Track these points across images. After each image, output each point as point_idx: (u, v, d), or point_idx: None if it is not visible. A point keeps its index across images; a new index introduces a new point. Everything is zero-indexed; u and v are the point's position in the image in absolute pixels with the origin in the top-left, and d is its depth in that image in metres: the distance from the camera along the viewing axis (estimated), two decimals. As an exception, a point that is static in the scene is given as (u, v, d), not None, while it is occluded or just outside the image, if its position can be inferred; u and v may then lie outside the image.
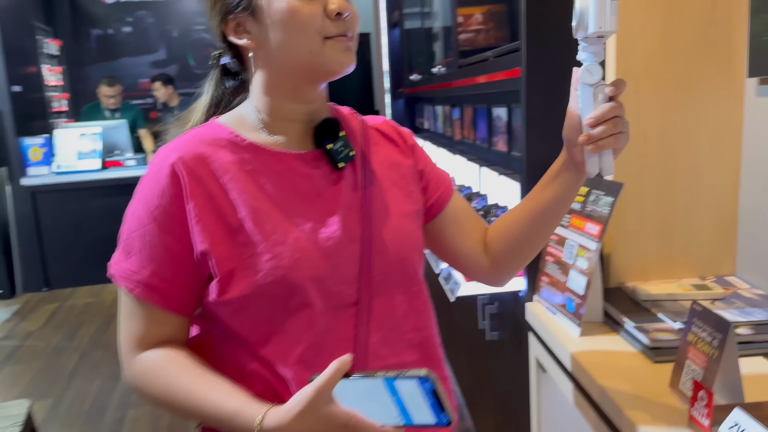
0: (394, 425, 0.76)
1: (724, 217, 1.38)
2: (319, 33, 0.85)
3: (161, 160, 0.88)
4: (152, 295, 0.86)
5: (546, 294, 1.38)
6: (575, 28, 0.86)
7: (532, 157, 1.43)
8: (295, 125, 0.93)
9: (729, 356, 0.87)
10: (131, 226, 0.88)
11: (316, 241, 0.87)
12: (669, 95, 1.33)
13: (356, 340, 0.88)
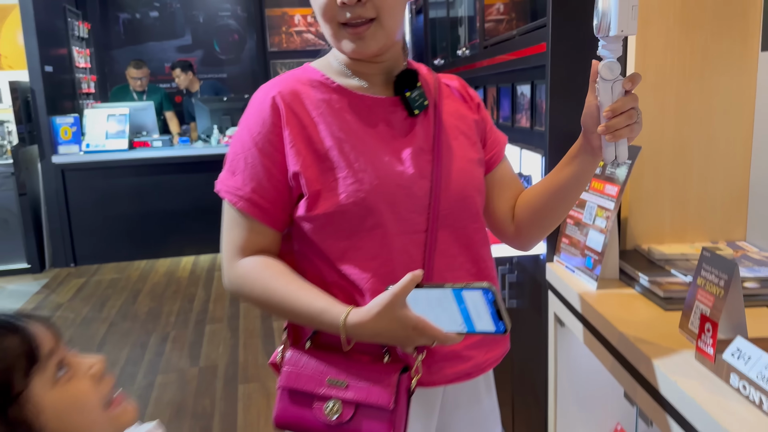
0: (457, 332, 0.88)
1: (736, 185, 1.45)
2: (332, 20, 0.95)
3: (264, 94, 1.00)
4: (252, 208, 0.97)
5: (566, 254, 1.47)
6: (597, 28, 0.93)
7: (555, 126, 1.51)
8: (376, 75, 1.03)
9: (734, 295, 0.96)
10: (236, 150, 1.00)
11: (393, 173, 0.97)
12: (686, 67, 1.41)
13: (424, 263, 0.98)
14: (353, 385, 0.92)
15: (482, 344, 1.03)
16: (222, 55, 7.06)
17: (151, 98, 5.79)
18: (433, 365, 0.99)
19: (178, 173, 5.30)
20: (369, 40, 0.96)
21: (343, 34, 0.96)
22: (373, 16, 0.95)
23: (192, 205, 5.24)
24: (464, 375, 1.03)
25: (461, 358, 1.01)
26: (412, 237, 0.98)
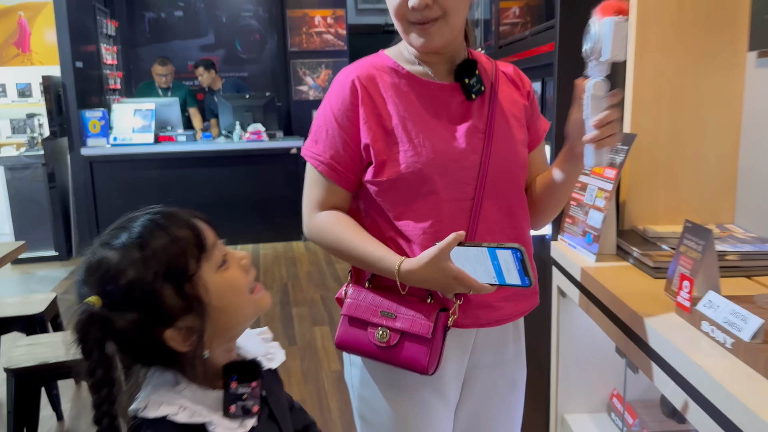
0: (490, 283, 1.05)
1: (726, 172, 1.60)
2: (403, 19, 1.12)
3: (345, 76, 1.16)
4: (330, 172, 1.16)
5: (569, 233, 1.63)
6: (588, 53, 1.04)
7: (562, 118, 1.67)
8: (440, 64, 1.19)
9: (709, 257, 1.11)
10: (319, 122, 1.18)
11: (447, 148, 1.13)
12: (681, 64, 1.56)
13: (469, 227, 1.14)
14: (401, 317, 1.10)
15: (511, 298, 1.19)
16: (243, 54, 7.26)
17: (175, 95, 6.00)
18: (468, 311, 1.15)
19: (201, 167, 5.50)
20: (435, 36, 1.11)
21: (412, 30, 1.12)
22: (440, 15, 1.09)
23: (213, 198, 5.45)
24: (494, 321, 1.19)
25: (492, 307, 1.18)
26: (461, 204, 1.14)
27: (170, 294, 0.80)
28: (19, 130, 6.44)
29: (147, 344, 0.82)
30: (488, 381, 1.25)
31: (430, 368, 1.09)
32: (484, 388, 1.25)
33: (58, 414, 2.73)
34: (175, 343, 0.82)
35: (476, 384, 1.24)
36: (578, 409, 1.72)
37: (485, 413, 1.26)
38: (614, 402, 1.68)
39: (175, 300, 0.80)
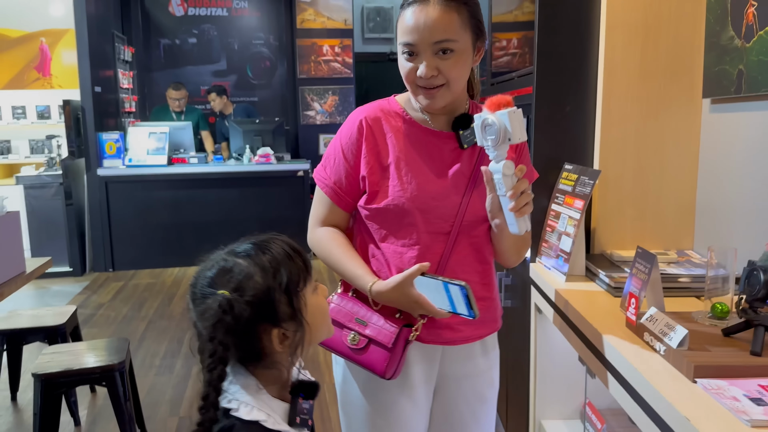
0: (445, 310, 1.24)
1: (685, 204, 1.79)
2: (412, 83, 1.27)
3: (356, 116, 1.35)
4: (332, 194, 1.36)
5: (545, 256, 1.82)
6: (495, 141, 1.14)
7: (539, 152, 1.87)
8: (440, 115, 1.33)
9: (654, 278, 1.30)
10: (330, 151, 1.38)
11: (430, 188, 1.31)
12: (644, 109, 1.76)
13: (442, 257, 1.32)
14: (371, 325, 1.30)
15: (471, 323, 1.34)
16: (254, 80, 7.53)
17: (188, 118, 6.25)
18: (432, 329, 1.33)
19: (212, 188, 5.73)
20: (438, 99, 1.27)
21: (418, 92, 1.27)
22: (443, 83, 1.24)
23: (224, 218, 5.67)
24: (452, 341, 1.36)
25: (453, 329, 1.35)
26: (437, 236, 1.32)
27: (283, 302, 0.98)
28: (38, 151, 6.69)
29: (254, 339, 0.98)
30: (457, 392, 1.40)
31: (387, 373, 1.27)
32: (453, 397, 1.40)
33: (76, 420, 2.91)
34: (275, 341, 0.98)
35: (446, 393, 1.40)
36: (554, 416, 1.90)
37: (455, 422, 1.41)
38: (586, 410, 1.85)
39: (286, 308, 0.99)
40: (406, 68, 1.26)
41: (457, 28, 1.22)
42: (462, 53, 1.24)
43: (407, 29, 1.23)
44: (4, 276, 2.32)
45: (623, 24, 1.73)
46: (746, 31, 1.51)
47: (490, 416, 1.46)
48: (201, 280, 0.99)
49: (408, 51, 1.25)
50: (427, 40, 1.22)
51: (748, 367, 1.06)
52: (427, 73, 1.23)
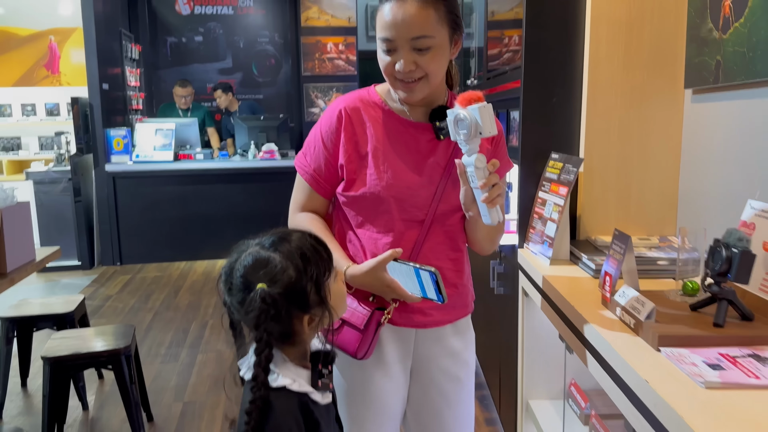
0: (416, 295, 1.30)
1: (668, 192, 1.86)
2: (390, 76, 1.30)
3: (336, 105, 1.39)
4: (312, 181, 1.41)
5: (531, 242, 1.89)
6: (467, 135, 1.19)
7: (526, 143, 1.94)
8: (418, 107, 1.36)
9: (629, 259, 1.37)
10: (310, 140, 1.42)
11: (406, 178, 1.36)
12: (628, 100, 1.83)
13: (415, 244, 1.38)
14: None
15: (442, 308, 1.40)
16: (259, 77, 7.62)
17: (194, 115, 6.34)
18: (404, 313, 1.38)
19: (218, 183, 5.82)
20: (416, 92, 1.30)
21: (397, 84, 1.30)
22: (422, 76, 1.28)
23: (229, 213, 5.76)
24: (423, 325, 1.42)
25: (424, 314, 1.40)
26: (411, 224, 1.38)
27: (313, 292, 1.08)
28: (47, 147, 6.81)
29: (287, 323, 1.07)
30: (431, 372, 1.44)
31: (358, 353, 1.32)
32: (429, 379, 1.45)
33: (84, 404, 3.00)
34: (305, 325, 1.09)
35: (422, 374, 1.45)
36: (541, 396, 1.97)
37: (432, 404, 1.46)
38: (572, 390, 1.92)
39: (315, 297, 1.09)
40: (385, 62, 1.29)
41: (433, 24, 1.25)
42: (439, 48, 1.27)
43: (385, 24, 1.26)
44: (15, 263, 2.41)
45: (608, 18, 1.79)
46: (723, 23, 1.57)
47: (467, 397, 1.50)
48: (237, 270, 1.08)
49: (386, 47, 1.28)
50: (404, 35, 1.24)
51: (710, 337, 1.12)
52: (405, 68, 1.26)
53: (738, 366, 1.03)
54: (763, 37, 1.40)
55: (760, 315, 1.20)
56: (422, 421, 1.47)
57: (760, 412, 0.89)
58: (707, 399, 0.93)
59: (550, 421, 1.88)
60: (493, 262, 2.47)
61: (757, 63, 1.42)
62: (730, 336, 1.12)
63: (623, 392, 1.11)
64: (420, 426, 1.47)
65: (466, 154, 1.22)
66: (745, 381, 0.98)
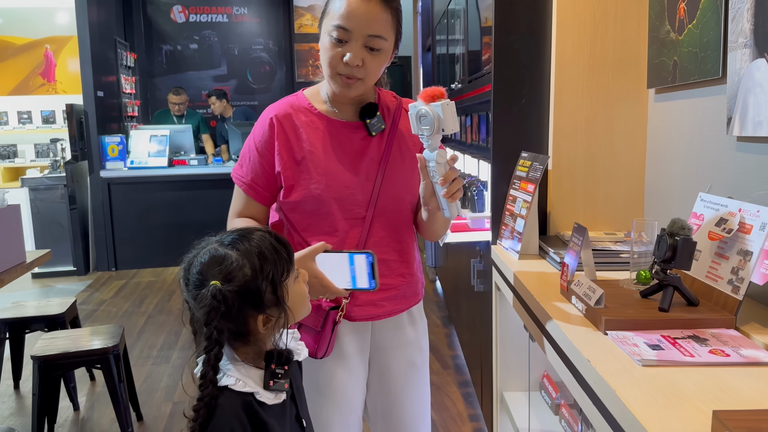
0: (345, 288, 1.32)
1: (634, 188, 1.92)
2: (333, 68, 1.31)
3: (267, 114, 1.43)
4: (249, 190, 1.43)
5: (503, 238, 1.95)
6: (429, 131, 1.22)
7: (496, 143, 2.00)
8: (348, 105, 1.45)
9: (586, 250, 1.43)
10: (245, 150, 1.45)
11: (343, 178, 1.41)
12: (594, 100, 1.89)
13: (359, 240, 1.43)
14: None
15: (392, 298, 1.46)
16: (254, 84, 7.71)
17: (189, 122, 6.42)
18: (356, 307, 1.43)
19: (212, 189, 5.88)
20: (353, 90, 1.35)
21: (337, 79, 1.33)
22: (362, 77, 1.32)
23: (223, 218, 5.73)
24: (376, 317, 1.47)
25: (376, 305, 1.45)
26: (354, 222, 1.40)
27: (268, 292, 1.07)
28: (43, 154, 6.89)
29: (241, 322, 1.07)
30: (389, 361, 1.50)
31: (318, 353, 1.36)
32: (386, 367, 1.50)
33: (75, 404, 3.05)
34: (260, 325, 1.08)
35: (379, 363, 1.50)
36: (515, 388, 2.02)
37: (390, 390, 1.51)
38: (544, 381, 1.98)
39: (270, 296, 1.07)
40: (333, 53, 1.30)
41: (389, 28, 1.31)
42: (386, 52, 1.33)
43: (345, 14, 1.27)
44: (4, 265, 2.47)
45: (573, 20, 1.86)
46: (679, 25, 1.64)
47: (422, 382, 1.56)
48: (194, 267, 1.07)
49: (338, 36, 1.28)
50: (363, 30, 1.28)
51: (654, 320, 1.18)
52: (353, 61, 1.28)
53: (676, 346, 1.09)
54: (712, 37, 1.46)
55: (705, 301, 1.26)
56: (381, 408, 1.52)
57: (690, 386, 0.95)
58: (642, 375, 0.99)
59: (521, 411, 1.93)
60: (473, 260, 2.53)
61: (708, 62, 1.48)
62: (673, 319, 1.18)
63: (572, 373, 1.16)
64: (379, 413, 1.53)
65: (427, 149, 1.26)
66: (680, 359, 1.03)
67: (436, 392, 3.12)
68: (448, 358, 3.57)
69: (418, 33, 5.69)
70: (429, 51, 5.06)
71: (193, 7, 7.55)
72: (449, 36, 3.86)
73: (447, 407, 2.97)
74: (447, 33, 3.91)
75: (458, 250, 3.28)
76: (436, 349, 3.70)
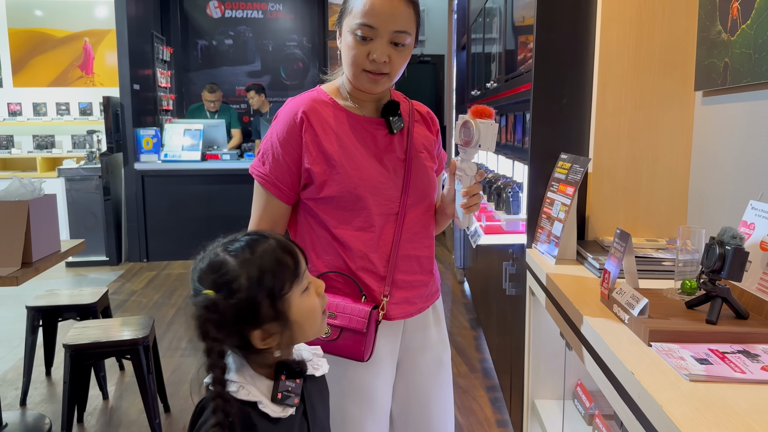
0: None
1: (678, 194, 1.86)
2: (358, 67, 1.32)
3: (291, 107, 1.38)
4: (274, 189, 1.38)
5: (539, 242, 1.90)
6: (471, 144, 1.33)
7: (535, 144, 1.95)
8: (369, 102, 1.45)
9: (628, 257, 1.38)
10: (266, 146, 1.39)
11: (375, 172, 1.39)
12: (637, 101, 1.83)
13: (394, 235, 1.41)
14: (340, 316, 1.32)
15: (423, 295, 1.46)
16: (287, 80, 7.73)
17: (222, 117, 6.47)
18: (394, 305, 1.40)
19: (243, 183, 5.91)
20: (380, 85, 1.35)
21: (363, 76, 1.33)
22: (388, 72, 1.33)
23: (252, 212, 5.85)
24: (410, 314, 1.44)
25: (410, 303, 1.43)
26: (388, 218, 1.40)
27: (266, 305, 0.99)
28: (80, 145, 7.01)
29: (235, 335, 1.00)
30: (419, 361, 1.48)
31: (365, 356, 1.33)
32: (416, 367, 1.49)
33: (104, 394, 3.08)
34: (256, 340, 1.00)
35: (408, 364, 1.48)
36: (547, 396, 1.97)
37: (418, 389, 1.49)
38: (578, 390, 1.92)
39: (268, 310, 0.99)
40: (358, 51, 1.30)
41: (411, 23, 1.32)
42: (409, 48, 1.34)
43: (370, 12, 1.28)
44: (40, 253, 2.49)
45: (618, 18, 1.80)
46: (731, 25, 1.57)
47: (448, 379, 1.55)
48: (194, 272, 1.02)
49: (363, 34, 1.29)
50: (389, 27, 1.28)
51: (701, 333, 1.13)
52: (380, 57, 1.29)
53: (726, 361, 1.03)
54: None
55: (755, 314, 1.20)
56: (407, 409, 1.51)
57: (742, 404, 0.90)
58: (689, 391, 0.94)
59: (553, 420, 1.88)
60: (505, 263, 2.48)
61: (762, 64, 1.41)
62: (721, 332, 1.13)
63: (613, 385, 1.12)
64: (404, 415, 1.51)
65: (460, 158, 1.32)
66: (730, 375, 0.98)
67: (463, 395, 3.08)
68: (475, 361, 3.52)
69: (453, 31, 5.63)
70: (464, 49, 5.01)
71: (229, 3, 7.59)
72: (485, 35, 3.80)
73: (474, 411, 2.92)
74: (483, 32, 3.85)
75: (489, 252, 3.23)
76: (464, 352, 3.66)
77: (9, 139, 7.05)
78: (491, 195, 2.70)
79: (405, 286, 1.41)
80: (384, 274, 1.38)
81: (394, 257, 1.39)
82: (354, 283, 1.37)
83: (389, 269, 1.38)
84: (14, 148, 7.06)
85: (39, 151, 7.01)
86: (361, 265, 1.37)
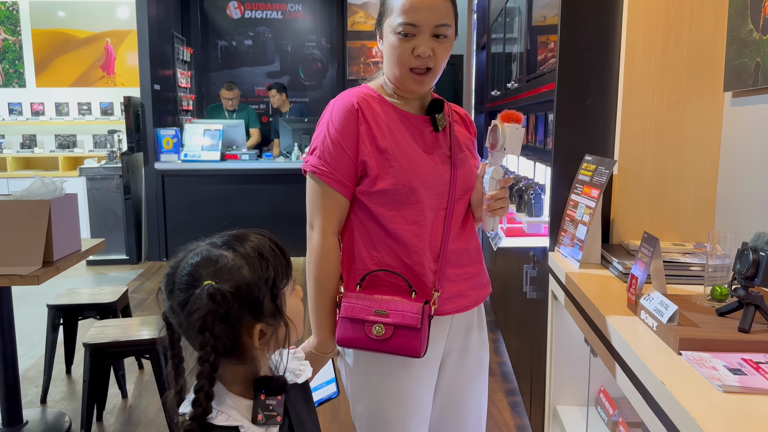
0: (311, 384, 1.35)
1: (705, 197, 1.81)
2: (404, 66, 1.34)
3: (345, 99, 1.37)
4: (338, 186, 1.36)
5: (562, 245, 1.86)
6: (497, 147, 1.37)
7: (559, 145, 1.92)
8: (413, 100, 1.44)
9: (656, 262, 1.34)
10: (323, 142, 1.36)
11: (427, 166, 1.38)
12: (665, 102, 1.79)
13: (444, 229, 1.40)
14: (392, 313, 1.32)
15: (475, 287, 1.47)
16: (306, 81, 7.73)
17: (240, 116, 6.48)
18: (446, 299, 1.40)
19: (262, 183, 5.93)
20: (425, 85, 1.37)
21: (409, 76, 1.35)
22: (432, 66, 1.34)
23: (272, 212, 5.87)
24: (464, 307, 1.44)
25: (463, 296, 1.44)
26: (438, 211, 1.40)
27: (267, 298, 0.97)
28: (101, 145, 7.08)
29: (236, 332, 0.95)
30: (461, 363, 1.48)
31: (421, 351, 1.32)
32: (457, 368, 1.48)
33: (123, 392, 3.10)
34: (255, 337, 0.96)
35: (450, 365, 1.47)
36: (569, 401, 1.94)
37: (458, 390, 1.49)
38: (601, 396, 1.89)
39: (269, 303, 0.97)
40: (402, 49, 1.32)
41: (451, 14, 1.34)
42: (451, 39, 1.37)
43: (410, 9, 1.30)
44: (62, 252, 2.51)
45: (645, 18, 1.76)
46: (763, 24, 1.53)
47: (485, 379, 1.55)
48: (181, 269, 0.95)
49: (406, 32, 1.31)
50: (430, 21, 1.30)
51: (733, 341, 1.09)
52: (425, 51, 1.31)
53: (760, 371, 1.00)
54: (803, 37, 1.35)
55: (790, 322, 1.16)
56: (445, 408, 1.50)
57: (779, 418, 0.87)
58: (723, 402, 0.91)
59: (576, 427, 1.85)
60: (526, 266, 2.44)
61: (797, 64, 1.37)
62: (755, 341, 1.09)
63: (641, 394, 1.08)
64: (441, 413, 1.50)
65: (489, 162, 1.37)
66: (765, 386, 0.95)
67: (482, 399, 3.05)
68: (494, 364, 3.49)
69: (473, 31, 5.59)
70: (484, 49, 4.97)
71: (249, 4, 7.62)
72: (506, 34, 3.76)
73: (493, 415, 2.89)
74: (504, 31, 3.81)
75: (509, 254, 3.19)
76: (483, 355, 3.62)
77: (32, 139, 7.14)
78: (513, 197, 2.67)
79: (456, 279, 1.42)
80: (435, 269, 1.39)
81: (444, 251, 1.40)
82: (402, 280, 1.37)
83: (440, 264, 1.39)
84: (37, 148, 7.14)
85: (61, 151, 7.09)
86: (416, 260, 1.37)
